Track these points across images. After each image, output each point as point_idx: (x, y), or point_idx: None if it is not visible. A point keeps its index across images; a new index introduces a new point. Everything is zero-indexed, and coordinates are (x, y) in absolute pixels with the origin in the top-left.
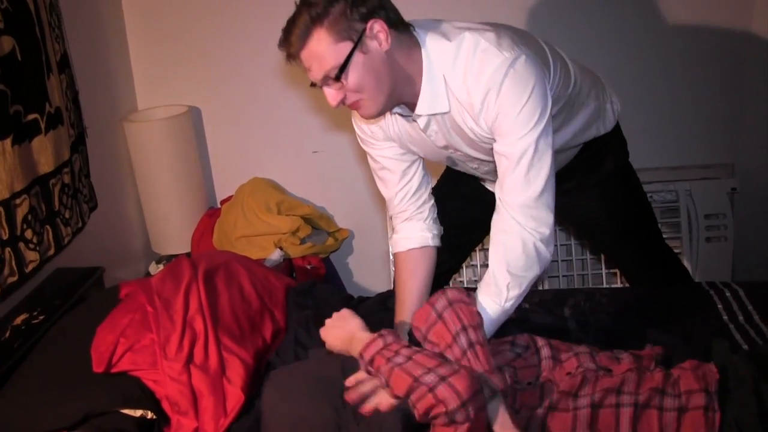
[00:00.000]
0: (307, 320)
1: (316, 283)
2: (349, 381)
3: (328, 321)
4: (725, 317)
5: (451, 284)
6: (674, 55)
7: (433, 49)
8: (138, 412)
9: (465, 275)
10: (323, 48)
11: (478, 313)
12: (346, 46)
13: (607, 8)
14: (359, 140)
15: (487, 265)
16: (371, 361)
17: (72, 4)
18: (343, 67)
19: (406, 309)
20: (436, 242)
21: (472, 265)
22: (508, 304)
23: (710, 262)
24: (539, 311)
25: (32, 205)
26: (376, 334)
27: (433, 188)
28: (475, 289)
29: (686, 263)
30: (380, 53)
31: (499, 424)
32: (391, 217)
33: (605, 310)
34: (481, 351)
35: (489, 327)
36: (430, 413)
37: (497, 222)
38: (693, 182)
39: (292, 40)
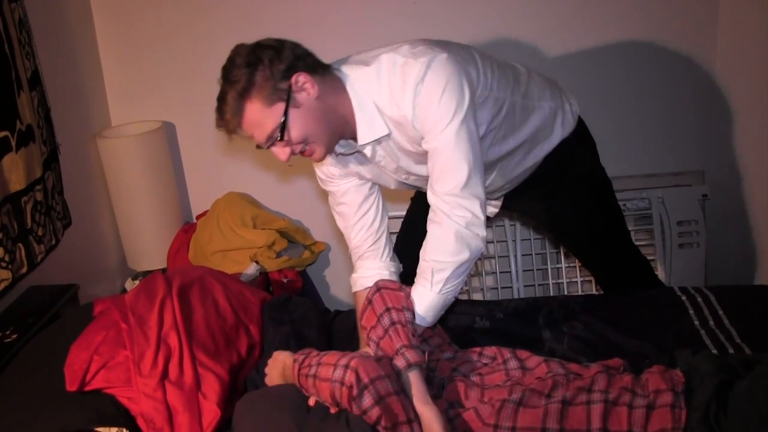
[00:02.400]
0: (287, 338)
1: (291, 296)
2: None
3: (265, 369)
4: (696, 322)
5: None
6: (644, 65)
7: (356, 78)
8: (113, 430)
9: None
10: (259, 116)
11: (407, 298)
12: (280, 107)
13: (577, 19)
14: (320, 182)
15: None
16: (300, 384)
17: (43, 21)
18: (283, 127)
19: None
20: (393, 278)
21: None
22: (437, 287)
23: (683, 267)
24: (513, 320)
25: (3, 223)
26: (293, 358)
27: (402, 221)
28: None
29: (660, 269)
30: (311, 101)
31: (415, 396)
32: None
33: (579, 318)
34: (401, 329)
35: (423, 312)
36: (348, 401)
37: (430, 215)
38: (665, 189)
39: (227, 118)
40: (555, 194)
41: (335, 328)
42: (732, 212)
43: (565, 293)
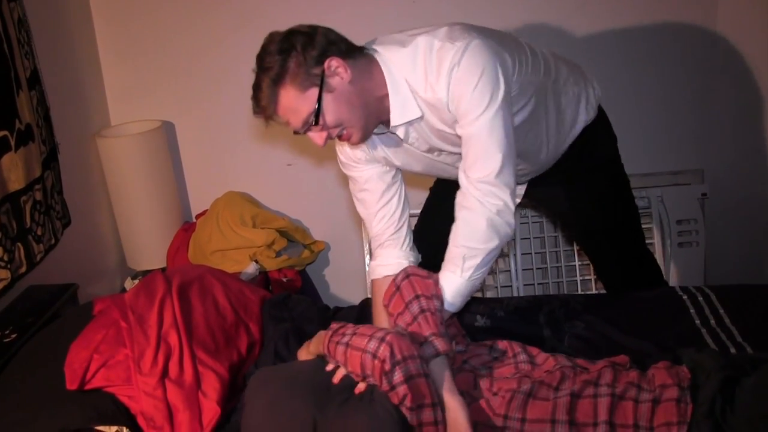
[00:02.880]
0: (287, 333)
1: (290, 294)
2: (329, 366)
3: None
4: (697, 321)
5: None
6: (644, 64)
7: (391, 59)
8: (113, 429)
9: None
10: (293, 101)
11: (435, 285)
12: (314, 92)
13: (576, 18)
14: (340, 165)
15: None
16: (329, 351)
17: (42, 21)
18: (318, 112)
19: None
20: None
21: None
22: (467, 274)
23: (683, 266)
24: (514, 319)
25: (2, 222)
26: (329, 327)
27: (421, 210)
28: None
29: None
30: (345, 85)
31: (444, 384)
32: (369, 242)
33: (580, 317)
34: (430, 317)
35: (452, 298)
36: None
37: (459, 199)
38: (664, 188)
39: (263, 105)
40: (575, 181)
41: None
42: (731, 211)
43: (565, 292)
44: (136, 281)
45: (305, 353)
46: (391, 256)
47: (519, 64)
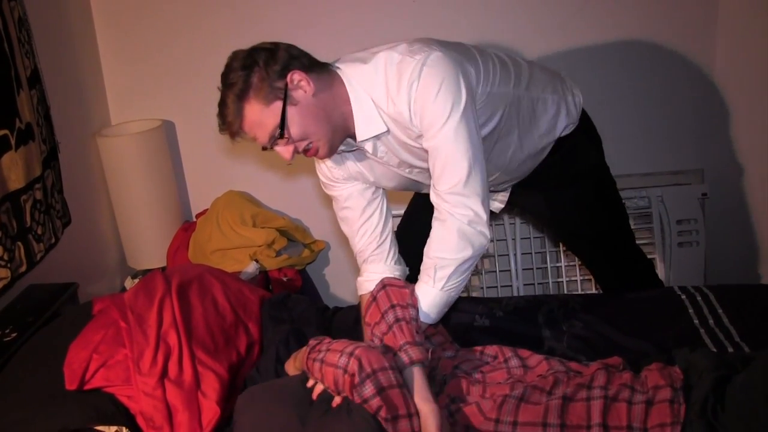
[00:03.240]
0: (287, 336)
1: (290, 294)
2: (309, 383)
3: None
4: (696, 321)
5: None
6: (644, 64)
7: (353, 75)
8: (112, 429)
9: None
10: (258, 115)
11: (411, 295)
12: (278, 105)
13: (577, 19)
14: (323, 186)
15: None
16: (308, 367)
17: (43, 20)
18: (283, 124)
19: None
20: None
21: None
22: (440, 284)
23: (683, 266)
24: (513, 319)
25: (2, 221)
26: (308, 343)
27: (399, 225)
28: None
29: (660, 268)
30: (308, 98)
31: (416, 392)
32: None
33: (579, 317)
34: (405, 326)
35: (427, 309)
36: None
37: (434, 214)
38: (664, 188)
39: (229, 120)
40: (559, 189)
41: (335, 326)
42: (731, 211)
43: (565, 292)
44: (136, 280)
45: (292, 368)
46: (376, 271)
47: (485, 75)
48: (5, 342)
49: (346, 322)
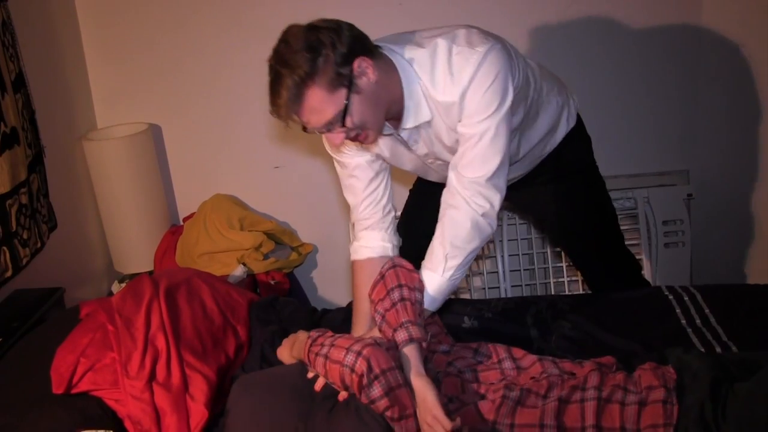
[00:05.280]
0: (273, 336)
1: (278, 297)
2: (310, 374)
3: (283, 341)
4: (683, 321)
5: None
6: (630, 66)
7: (409, 59)
8: None
9: None
10: (320, 102)
11: (420, 280)
12: (342, 93)
13: (564, 21)
14: (328, 149)
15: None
16: (309, 360)
17: (27, 23)
18: (345, 113)
19: (362, 317)
20: (395, 253)
21: None
22: (448, 273)
23: (669, 266)
24: (501, 320)
25: None
26: (307, 335)
27: (403, 210)
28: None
29: (646, 268)
30: (371, 86)
31: (412, 368)
32: (353, 225)
33: (567, 317)
34: (410, 306)
35: (433, 295)
36: (358, 386)
37: (447, 197)
38: (650, 189)
39: (287, 104)
40: (552, 183)
41: (323, 327)
42: (716, 211)
43: (553, 293)
44: (124, 285)
45: (288, 355)
46: (375, 238)
47: (521, 76)
48: None
49: (333, 323)
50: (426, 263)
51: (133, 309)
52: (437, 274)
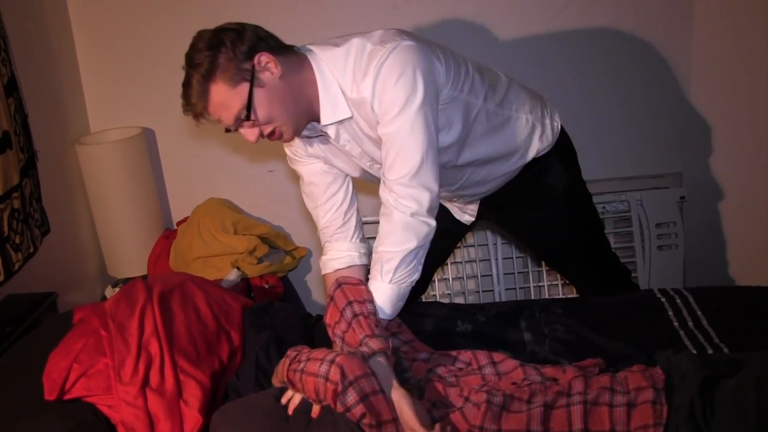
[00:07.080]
0: (267, 343)
1: (272, 302)
2: (284, 399)
3: None
4: (676, 324)
5: (423, 298)
6: (622, 69)
7: (323, 58)
8: None
9: (437, 289)
10: (224, 97)
11: (367, 291)
12: (244, 87)
13: (557, 24)
14: (288, 161)
15: (459, 278)
16: (289, 379)
17: (19, 27)
18: (249, 106)
19: None
20: (363, 260)
21: (444, 278)
22: (388, 278)
23: (662, 269)
24: (495, 324)
25: None
26: (286, 355)
27: None
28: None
29: (639, 271)
30: (275, 81)
31: (383, 381)
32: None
33: (560, 320)
34: (363, 320)
35: (381, 303)
36: (333, 397)
37: (381, 208)
38: (643, 192)
39: (194, 101)
40: (531, 210)
41: (317, 333)
42: (709, 214)
43: (546, 296)
44: (117, 289)
45: (278, 382)
46: (341, 249)
47: (454, 78)
48: None
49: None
50: (371, 271)
51: (127, 314)
52: (377, 280)
